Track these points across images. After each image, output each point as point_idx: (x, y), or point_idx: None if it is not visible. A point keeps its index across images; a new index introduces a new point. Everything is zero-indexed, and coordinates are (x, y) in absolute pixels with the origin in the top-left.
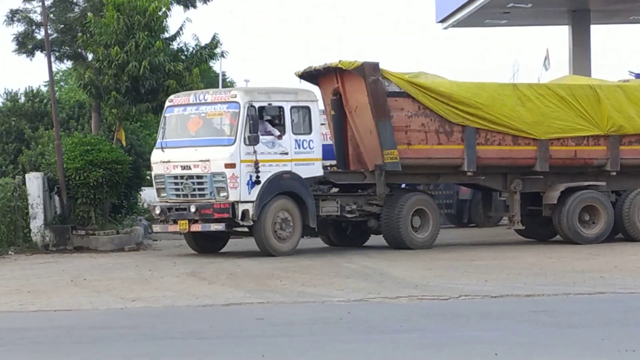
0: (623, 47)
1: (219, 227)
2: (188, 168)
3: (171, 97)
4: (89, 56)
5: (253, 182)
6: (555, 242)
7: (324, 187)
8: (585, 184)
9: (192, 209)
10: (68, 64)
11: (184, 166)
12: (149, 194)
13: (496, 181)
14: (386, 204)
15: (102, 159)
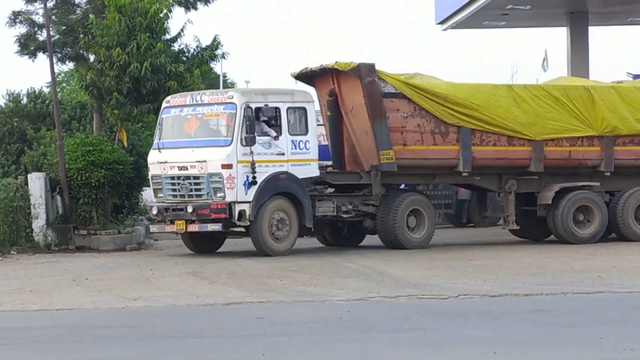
0: (621, 49)
1: (216, 228)
2: (185, 169)
3: (168, 98)
4: (91, 57)
5: (250, 183)
6: (553, 242)
7: (320, 187)
8: (579, 185)
9: (189, 209)
10: (70, 65)
11: (181, 167)
12: (150, 194)
13: (491, 181)
14: (382, 204)
15: (104, 160)
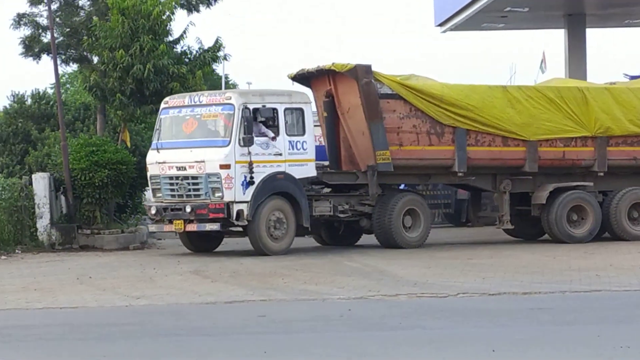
0: (618, 51)
1: (214, 227)
2: (183, 169)
3: (166, 99)
4: (95, 59)
5: (247, 183)
6: (551, 242)
7: (317, 187)
8: (573, 185)
9: (188, 209)
10: (74, 67)
11: (180, 167)
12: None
13: (486, 182)
14: (378, 204)
15: (107, 160)
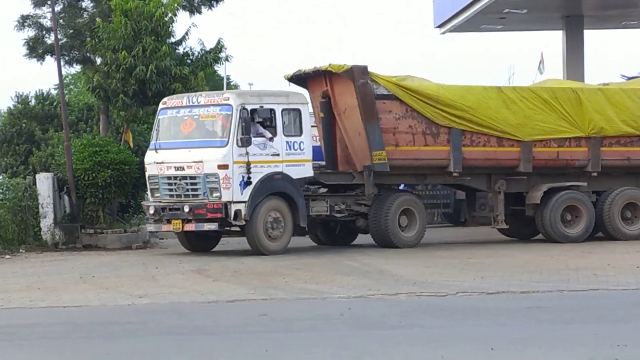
0: (616, 52)
1: (212, 227)
2: (181, 169)
3: (164, 100)
4: (98, 60)
5: (245, 183)
6: (546, 241)
7: (313, 187)
8: (567, 185)
9: (186, 209)
10: (77, 68)
11: (178, 167)
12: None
13: (481, 181)
14: (374, 204)
15: (110, 160)
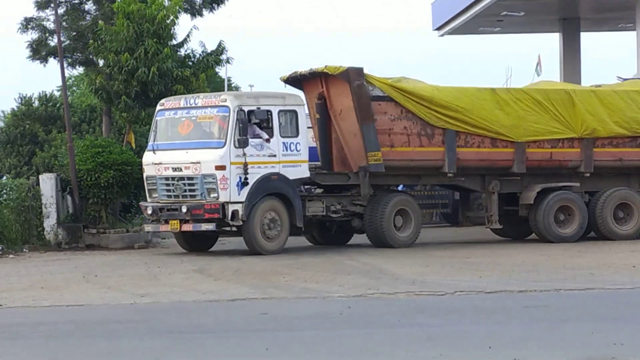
0: (612, 54)
1: (210, 227)
2: (179, 170)
3: (162, 101)
4: (100, 62)
5: (242, 184)
6: (540, 241)
7: (308, 188)
8: (560, 185)
9: (184, 210)
10: (80, 70)
11: (175, 168)
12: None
13: (475, 182)
14: (370, 204)
15: (113, 161)
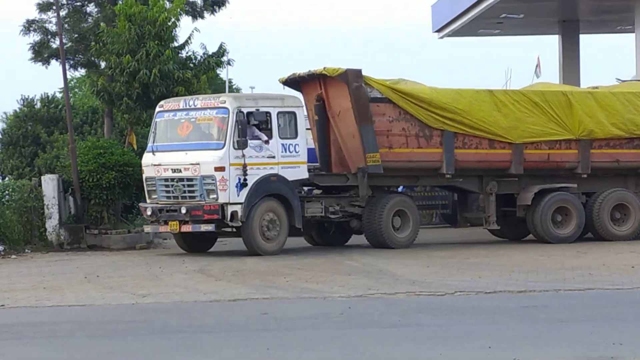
0: (611, 56)
1: (209, 228)
2: (178, 171)
3: (161, 103)
4: (102, 64)
5: (241, 185)
6: (538, 242)
7: (306, 189)
8: (557, 186)
9: (183, 210)
10: (82, 72)
11: (175, 169)
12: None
13: (473, 183)
14: (368, 205)
15: (114, 162)
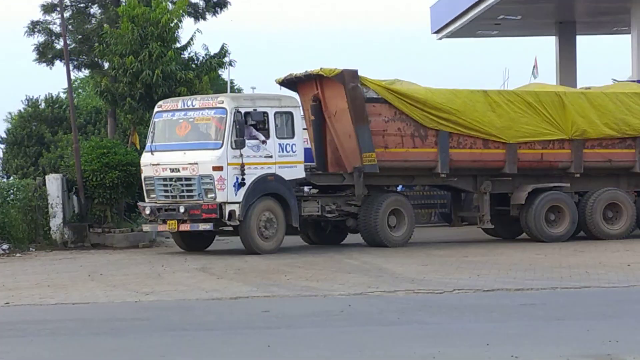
0: (607, 57)
1: (207, 227)
2: (177, 170)
3: (160, 103)
4: (105, 65)
5: (239, 184)
6: (532, 240)
7: (306, 189)
8: (550, 186)
9: (181, 210)
10: (85, 72)
11: (173, 169)
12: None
13: (467, 182)
14: (364, 204)
15: (118, 162)
